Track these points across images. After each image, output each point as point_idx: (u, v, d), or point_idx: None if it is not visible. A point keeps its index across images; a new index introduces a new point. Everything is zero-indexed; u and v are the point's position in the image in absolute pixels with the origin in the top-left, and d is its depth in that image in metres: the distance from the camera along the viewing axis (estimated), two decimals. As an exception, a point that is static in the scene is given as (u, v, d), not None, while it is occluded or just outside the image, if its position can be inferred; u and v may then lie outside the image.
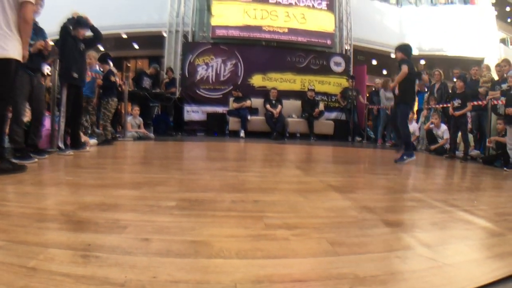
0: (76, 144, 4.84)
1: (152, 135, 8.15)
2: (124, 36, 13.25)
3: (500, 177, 5.12)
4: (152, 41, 13.15)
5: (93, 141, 5.77)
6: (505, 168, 5.86)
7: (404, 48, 5.78)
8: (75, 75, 4.73)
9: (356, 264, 1.33)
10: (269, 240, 1.52)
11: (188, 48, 11.17)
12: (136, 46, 14.79)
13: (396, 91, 5.69)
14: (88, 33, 5.18)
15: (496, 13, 15.99)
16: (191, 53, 10.96)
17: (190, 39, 11.53)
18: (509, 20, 19.85)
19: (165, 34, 11.87)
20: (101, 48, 14.49)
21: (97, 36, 5.32)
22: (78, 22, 4.91)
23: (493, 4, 16.15)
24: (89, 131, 6.22)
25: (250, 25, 11.23)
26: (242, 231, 1.64)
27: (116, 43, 14.26)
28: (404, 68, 5.36)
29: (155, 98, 9.45)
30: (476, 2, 15.43)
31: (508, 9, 19.17)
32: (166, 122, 9.82)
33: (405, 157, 5.35)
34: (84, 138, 5.30)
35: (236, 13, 11.17)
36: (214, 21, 11.13)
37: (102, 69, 6.85)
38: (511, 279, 1.34)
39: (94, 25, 5.21)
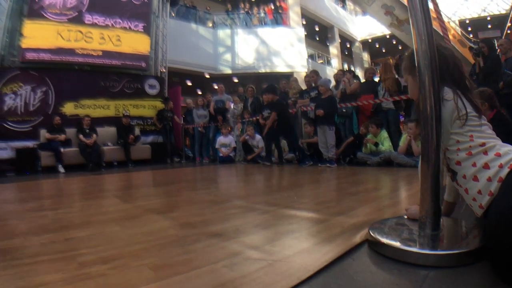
0: None
1: None
2: None
3: (315, 172, 5.93)
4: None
5: None
6: (319, 164, 7.07)
7: (274, 90, 7.83)
8: None
9: (183, 284, 1.29)
10: (84, 280, 1.39)
11: (-6, 74, 10.07)
12: None
13: None
14: None
15: (305, 32, 18.09)
16: (-3, 80, 9.95)
17: (-2, 63, 10.44)
18: (317, 38, 22.68)
19: (-33, 57, 10.65)
20: None
21: None
22: None
23: (304, 25, 18.24)
24: None
25: (62, 48, 10.69)
26: (53, 276, 1.44)
27: None
28: (274, 115, 7.14)
29: None
30: (288, 23, 17.20)
31: (317, 28, 21.88)
32: None
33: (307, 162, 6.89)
34: None
35: (49, 34, 10.52)
36: (24, 43, 10.29)
37: None
38: (343, 259, 1.50)
39: None
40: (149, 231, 2.15)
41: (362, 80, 8.77)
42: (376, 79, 8.01)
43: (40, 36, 10.49)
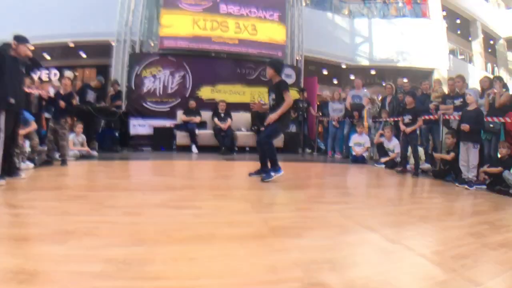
0: (10, 171, 4.51)
1: (95, 153, 7.66)
2: (71, 44, 12.76)
3: (451, 194, 5.19)
4: (100, 50, 12.71)
5: (26, 165, 5.39)
6: (456, 183, 5.98)
7: (277, 65, 5.49)
8: (12, 100, 4.36)
9: None
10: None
11: (135, 59, 10.70)
12: (83, 55, 14.32)
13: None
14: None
15: (446, 25, 16.46)
16: (138, 64, 10.52)
17: (137, 49, 11.05)
18: (458, 32, 20.58)
19: (113, 43, 11.35)
20: (47, 57, 14.11)
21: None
22: (17, 38, 4.53)
23: (444, 17, 16.62)
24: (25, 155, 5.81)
25: (199, 36, 10.90)
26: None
27: (63, 52, 13.78)
28: (290, 99, 5.12)
29: (100, 112, 8.95)
30: (428, 15, 15.80)
31: (458, 21, 19.85)
32: (111, 137, 9.31)
33: (272, 173, 5.06)
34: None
35: (185, 23, 10.82)
36: (162, 32, 10.75)
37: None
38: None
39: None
40: (272, 265, 1.97)
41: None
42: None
43: (177, 25, 10.82)
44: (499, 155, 5.96)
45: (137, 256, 1.99)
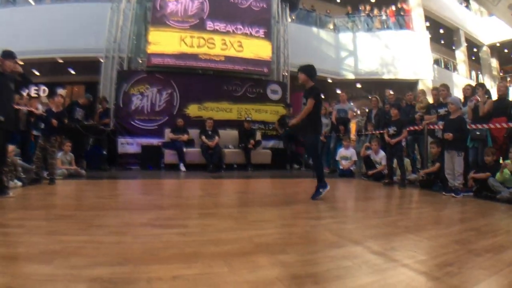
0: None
1: (83, 171, 7.71)
2: (60, 60, 12.83)
3: (438, 203, 5.33)
4: (89, 67, 12.77)
5: (14, 183, 5.39)
6: (443, 193, 6.12)
7: (308, 70, 5.39)
8: (1, 118, 4.37)
9: None
10: None
11: (123, 76, 10.78)
12: (72, 72, 14.36)
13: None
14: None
15: (430, 36, 16.72)
16: (125, 81, 10.59)
17: (125, 65, 11.15)
18: (442, 41, 20.89)
19: (101, 60, 11.43)
20: (36, 73, 14.14)
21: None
22: (2, 53, 4.56)
23: (427, 28, 16.89)
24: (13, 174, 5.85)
25: (186, 53, 11.03)
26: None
27: (52, 68, 13.81)
28: (310, 105, 5.08)
29: (88, 130, 9.02)
30: (411, 27, 16.05)
31: (441, 31, 20.16)
32: (99, 155, 9.36)
33: (320, 190, 5.12)
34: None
35: (172, 40, 10.95)
36: (150, 49, 10.85)
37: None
38: None
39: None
40: (255, 281, 1.98)
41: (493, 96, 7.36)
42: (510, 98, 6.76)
43: (164, 42, 10.93)
44: (486, 162, 6.10)
45: (122, 275, 2.03)
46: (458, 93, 9.01)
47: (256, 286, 1.92)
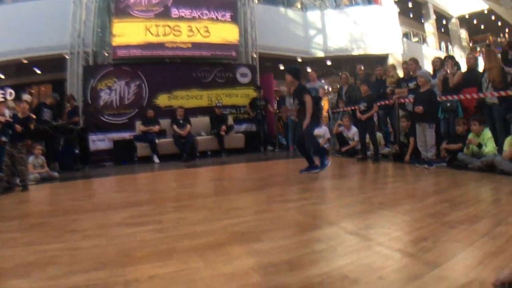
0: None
1: (56, 174, 7.49)
2: (25, 61, 12.49)
3: (412, 176, 5.53)
4: (55, 65, 12.37)
5: None
6: (416, 164, 6.28)
7: (295, 72, 5.98)
8: None
9: None
10: None
11: (89, 71, 10.52)
12: (38, 71, 14.01)
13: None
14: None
15: (398, 10, 16.76)
16: (92, 77, 10.34)
17: (91, 61, 10.88)
18: (411, 15, 21.00)
19: (67, 56, 11.12)
20: (1, 76, 13.76)
21: None
22: None
23: (396, 2, 16.92)
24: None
25: (152, 43, 10.79)
26: None
27: (17, 69, 13.44)
28: (309, 99, 5.60)
29: (57, 131, 8.70)
30: (379, 2, 16.04)
31: (410, 4, 20.24)
32: (71, 155, 9.08)
33: (326, 162, 5.76)
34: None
35: (137, 31, 10.68)
36: (115, 41, 10.57)
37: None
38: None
39: None
40: (231, 273, 2.00)
41: (463, 67, 7.41)
42: (480, 69, 6.76)
43: (129, 33, 10.66)
44: (457, 132, 6.17)
45: (99, 281, 2.00)
46: (428, 65, 9.08)
47: (232, 278, 1.92)
